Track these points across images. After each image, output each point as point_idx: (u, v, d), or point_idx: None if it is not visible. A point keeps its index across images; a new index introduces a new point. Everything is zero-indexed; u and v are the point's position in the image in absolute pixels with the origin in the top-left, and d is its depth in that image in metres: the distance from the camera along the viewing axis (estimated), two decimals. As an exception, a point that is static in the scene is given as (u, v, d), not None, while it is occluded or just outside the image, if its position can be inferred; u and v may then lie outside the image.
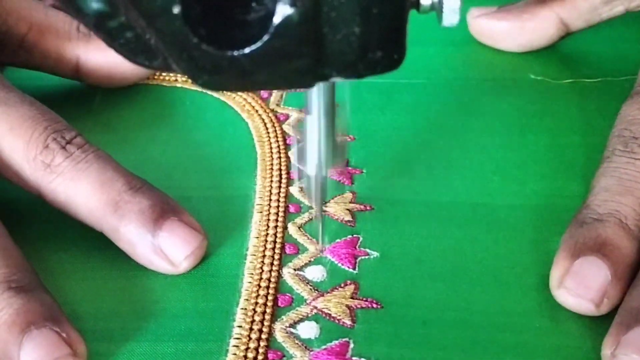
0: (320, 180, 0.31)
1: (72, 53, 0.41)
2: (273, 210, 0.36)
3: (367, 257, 0.34)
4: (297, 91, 0.41)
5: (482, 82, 0.44)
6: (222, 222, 0.35)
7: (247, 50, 0.23)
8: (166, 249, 0.32)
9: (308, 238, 0.34)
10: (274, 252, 0.34)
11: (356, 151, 0.39)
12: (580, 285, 0.30)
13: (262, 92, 0.43)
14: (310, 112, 0.29)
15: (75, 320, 0.30)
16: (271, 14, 0.22)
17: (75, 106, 0.43)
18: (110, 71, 0.42)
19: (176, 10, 0.22)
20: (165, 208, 0.33)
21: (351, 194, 0.37)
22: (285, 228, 0.35)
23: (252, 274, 0.33)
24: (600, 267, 0.30)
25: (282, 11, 0.22)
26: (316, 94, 0.28)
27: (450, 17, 0.25)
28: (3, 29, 0.40)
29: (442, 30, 0.47)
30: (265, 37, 0.22)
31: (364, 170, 0.38)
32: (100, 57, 0.41)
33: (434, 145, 0.40)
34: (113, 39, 0.24)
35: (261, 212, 0.36)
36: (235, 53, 0.23)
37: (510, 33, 0.45)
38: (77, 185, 0.33)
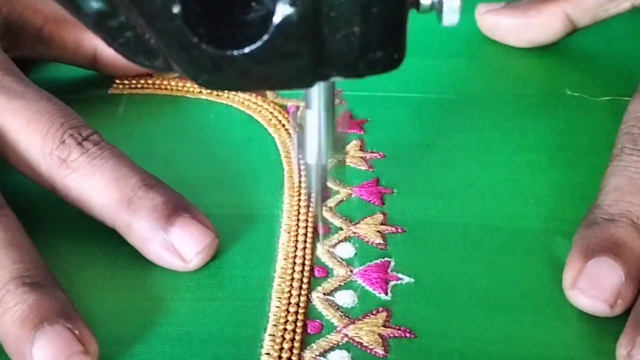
0: (320, 169, 0.30)
1: (90, 43, 0.42)
2: (301, 231, 0.34)
3: (399, 282, 0.32)
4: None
5: (516, 97, 0.43)
6: (248, 243, 0.34)
7: (247, 49, 0.23)
8: (177, 245, 0.32)
9: (338, 260, 0.33)
10: (303, 275, 0.33)
11: (387, 170, 0.38)
12: (594, 286, 0.30)
13: (289, 106, 0.42)
14: (310, 106, 0.29)
15: (87, 319, 0.30)
16: (271, 13, 0.22)
17: (99, 116, 0.42)
18: (127, 61, 0.41)
19: (176, 9, 0.22)
20: (178, 205, 0.33)
21: (382, 215, 0.35)
22: (313, 249, 0.34)
23: (280, 297, 0.32)
24: (613, 267, 0.30)
25: (282, 11, 0.22)
26: (316, 89, 0.28)
27: (450, 16, 0.25)
28: (19, 22, 0.40)
29: (472, 42, 0.47)
30: (265, 37, 0.22)
31: (395, 190, 0.37)
32: None
33: (467, 164, 0.38)
34: (113, 39, 0.24)
35: (289, 232, 0.35)
36: (235, 52, 0.23)
37: (517, 29, 0.46)
38: (92, 181, 0.33)
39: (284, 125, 0.41)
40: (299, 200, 0.36)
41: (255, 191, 0.37)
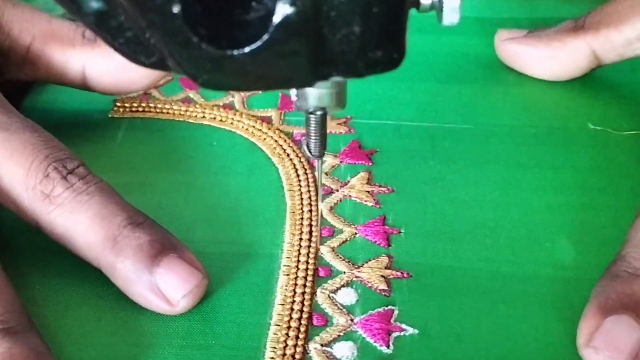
0: (319, 118, 0.29)
1: (78, 61, 0.40)
2: (301, 274, 0.32)
3: (402, 333, 0.30)
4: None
5: (535, 129, 0.40)
6: (244, 285, 0.32)
7: (247, 49, 0.22)
8: (163, 287, 0.31)
9: (338, 307, 0.31)
10: (300, 324, 0.31)
11: (394, 206, 0.36)
12: (610, 346, 0.29)
13: (295, 134, 0.40)
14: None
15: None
16: (271, 13, 0.22)
17: (97, 142, 0.40)
18: (117, 77, 0.40)
19: (176, 9, 0.22)
20: (165, 244, 0.31)
21: (387, 258, 0.33)
22: (313, 294, 0.32)
23: (275, 348, 0.30)
24: (633, 327, 0.29)
25: (282, 10, 0.22)
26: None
27: (450, 16, 0.25)
28: (6, 43, 0.39)
29: (491, 69, 0.45)
30: (265, 37, 0.22)
31: (402, 230, 0.35)
32: (106, 63, 0.40)
33: (480, 202, 0.36)
34: (113, 39, 0.24)
35: (288, 274, 0.33)
36: (235, 52, 0.22)
37: (540, 61, 0.44)
38: (77, 218, 0.31)
39: (288, 155, 0.39)
40: (300, 239, 0.34)
41: (254, 227, 0.35)
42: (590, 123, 0.41)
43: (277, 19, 0.22)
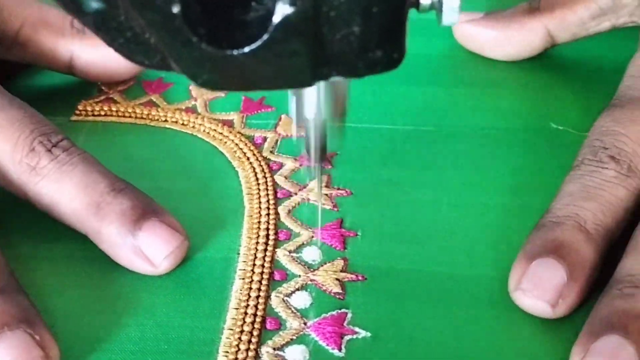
0: (319, 125, 0.29)
1: (66, 48, 0.42)
2: (256, 278, 0.32)
3: (355, 336, 0.30)
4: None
5: (495, 130, 0.40)
6: (199, 289, 0.32)
7: (246, 49, 0.23)
8: (146, 249, 0.32)
9: (292, 311, 0.31)
10: (253, 327, 0.30)
11: (352, 209, 0.36)
12: (536, 287, 0.30)
13: (256, 137, 0.40)
14: None
15: (50, 321, 0.30)
16: (271, 13, 0.22)
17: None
18: (104, 67, 0.42)
19: (176, 9, 0.22)
20: (146, 209, 0.33)
21: (342, 261, 0.33)
22: (268, 298, 0.32)
23: (227, 352, 0.30)
24: (556, 268, 0.30)
25: (282, 10, 0.22)
26: None
27: (450, 16, 0.25)
28: None
29: (450, 70, 0.45)
30: (265, 37, 0.22)
31: (359, 233, 0.35)
32: (93, 53, 0.42)
33: (437, 204, 0.36)
34: (113, 39, 0.24)
35: (243, 278, 0.33)
36: (235, 52, 0.23)
37: (497, 42, 0.45)
38: (61, 188, 0.33)
39: (248, 159, 0.39)
40: (257, 243, 0.34)
41: (212, 231, 0.35)
42: (552, 123, 0.41)
43: (277, 19, 0.22)
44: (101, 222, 0.32)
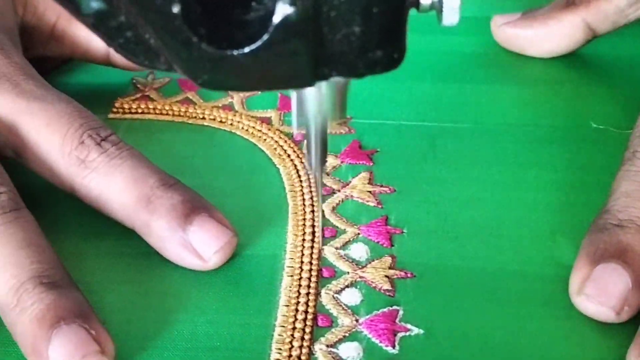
0: (320, 126, 0.29)
1: None
2: (305, 275, 0.32)
3: (407, 333, 0.30)
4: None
5: (536, 128, 0.41)
6: (248, 286, 0.32)
7: (246, 49, 0.22)
8: (196, 244, 0.32)
9: (343, 308, 0.31)
10: (305, 324, 0.30)
11: (397, 206, 0.36)
12: (600, 293, 0.30)
13: (295, 134, 0.40)
14: None
15: (101, 317, 0.30)
16: (271, 13, 0.22)
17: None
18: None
19: (176, 9, 0.22)
20: (196, 204, 0.33)
21: (390, 258, 0.33)
22: (317, 295, 0.32)
23: (281, 349, 0.29)
24: (621, 274, 0.30)
25: (282, 10, 0.22)
26: None
27: (450, 16, 0.25)
28: (33, 21, 0.41)
29: (492, 67, 0.45)
30: (265, 37, 0.22)
31: (405, 230, 0.35)
32: None
33: (483, 201, 0.36)
34: (113, 39, 0.24)
35: (292, 275, 0.32)
36: (235, 52, 0.22)
37: (538, 40, 0.46)
38: (111, 181, 0.33)
39: (289, 156, 0.39)
40: (303, 240, 0.34)
41: (257, 228, 0.35)
42: (592, 122, 0.41)
43: (277, 19, 0.22)
44: (151, 216, 0.32)
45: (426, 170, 0.38)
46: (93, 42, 0.42)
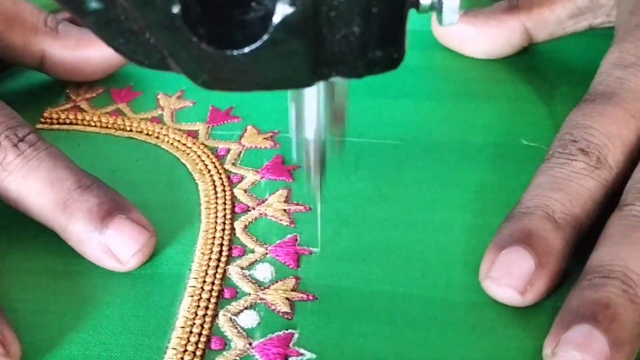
0: (319, 145, 0.29)
1: (38, 46, 0.42)
2: (205, 295, 0.32)
3: (299, 358, 0.30)
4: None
5: (463, 145, 0.40)
6: (147, 306, 0.32)
7: (246, 49, 0.23)
8: (113, 247, 0.32)
9: (238, 331, 0.31)
10: (197, 347, 0.30)
11: (309, 226, 0.35)
12: (505, 275, 0.31)
13: (219, 149, 0.40)
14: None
15: (12, 314, 0.31)
16: (271, 13, 0.22)
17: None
18: (75, 67, 0.43)
19: (176, 9, 0.22)
20: (113, 206, 0.33)
21: (294, 280, 0.33)
22: (215, 317, 0.31)
23: (169, 373, 0.29)
24: (524, 256, 0.31)
25: (282, 10, 0.22)
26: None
27: (450, 16, 0.25)
28: None
29: (421, 81, 0.44)
30: (265, 37, 0.22)
31: (315, 250, 0.34)
32: (65, 54, 0.42)
33: (396, 221, 0.35)
34: (113, 38, 0.24)
35: (192, 296, 0.32)
36: (235, 52, 0.23)
37: (476, 39, 0.46)
38: (28, 184, 0.33)
39: (209, 171, 0.38)
40: (209, 259, 0.34)
41: (166, 246, 0.34)
42: (523, 139, 0.40)
43: (277, 19, 0.22)
44: (68, 220, 0.33)
45: (344, 187, 0.37)
46: (29, 47, 0.41)
